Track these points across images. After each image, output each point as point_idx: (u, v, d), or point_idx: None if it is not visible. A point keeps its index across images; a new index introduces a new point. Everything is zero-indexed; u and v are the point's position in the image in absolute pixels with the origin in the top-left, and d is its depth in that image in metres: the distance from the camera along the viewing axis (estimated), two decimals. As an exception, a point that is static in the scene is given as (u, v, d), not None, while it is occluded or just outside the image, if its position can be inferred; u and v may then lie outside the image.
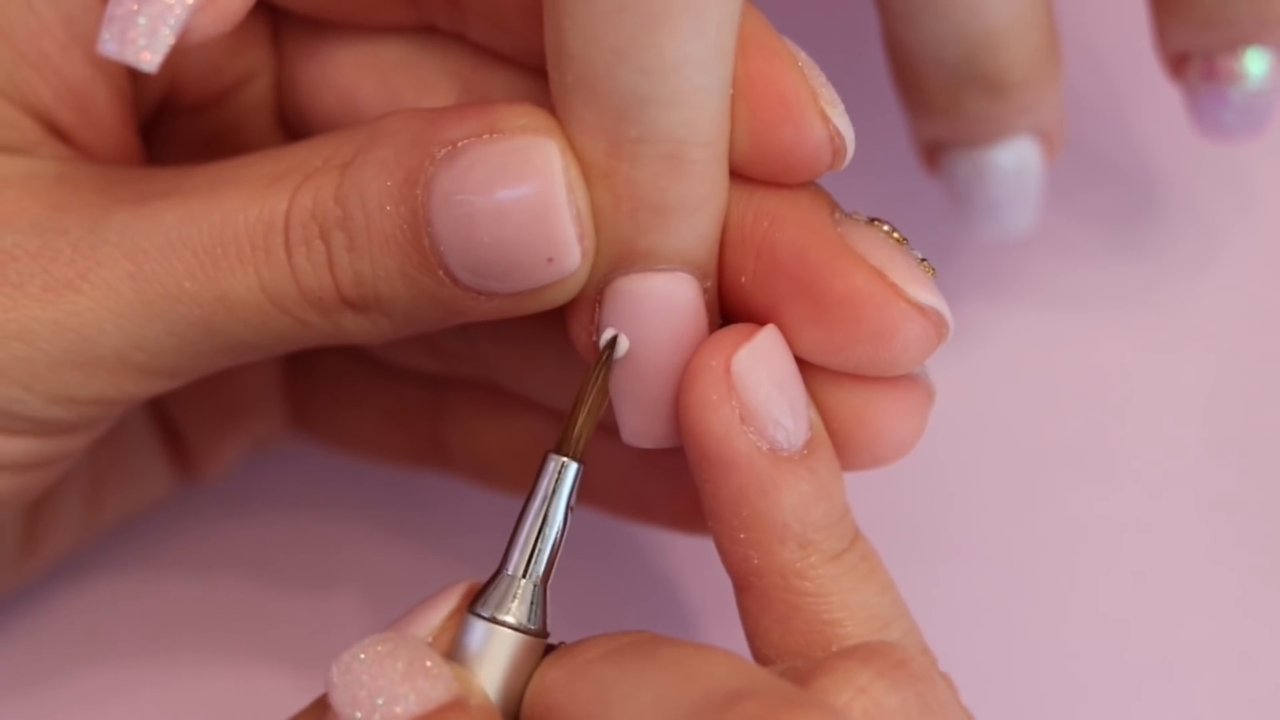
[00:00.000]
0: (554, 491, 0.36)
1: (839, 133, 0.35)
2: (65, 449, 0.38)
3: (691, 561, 0.46)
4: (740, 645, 0.40)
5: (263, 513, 0.48)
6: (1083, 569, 0.46)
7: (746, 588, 0.36)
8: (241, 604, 0.47)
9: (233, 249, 0.36)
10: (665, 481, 0.41)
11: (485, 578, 0.44)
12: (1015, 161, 0.44)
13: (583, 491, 0.43)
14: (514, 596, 0.35)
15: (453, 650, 0.35)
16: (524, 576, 0.35)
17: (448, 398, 0.44)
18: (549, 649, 0.36)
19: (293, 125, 0.41)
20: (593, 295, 0.36)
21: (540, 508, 0.36)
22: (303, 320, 0.36)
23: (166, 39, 0.34)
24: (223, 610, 0.47)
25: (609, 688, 0.33)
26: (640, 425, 0.37)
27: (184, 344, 0.36)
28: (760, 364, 0.35)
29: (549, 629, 0.35)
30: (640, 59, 0.34)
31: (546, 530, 0.35)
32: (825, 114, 0.35)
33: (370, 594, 0.47)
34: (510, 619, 0.35)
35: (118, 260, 0.36)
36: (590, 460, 0.41)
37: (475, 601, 0.35)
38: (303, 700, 0.46)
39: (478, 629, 0.35)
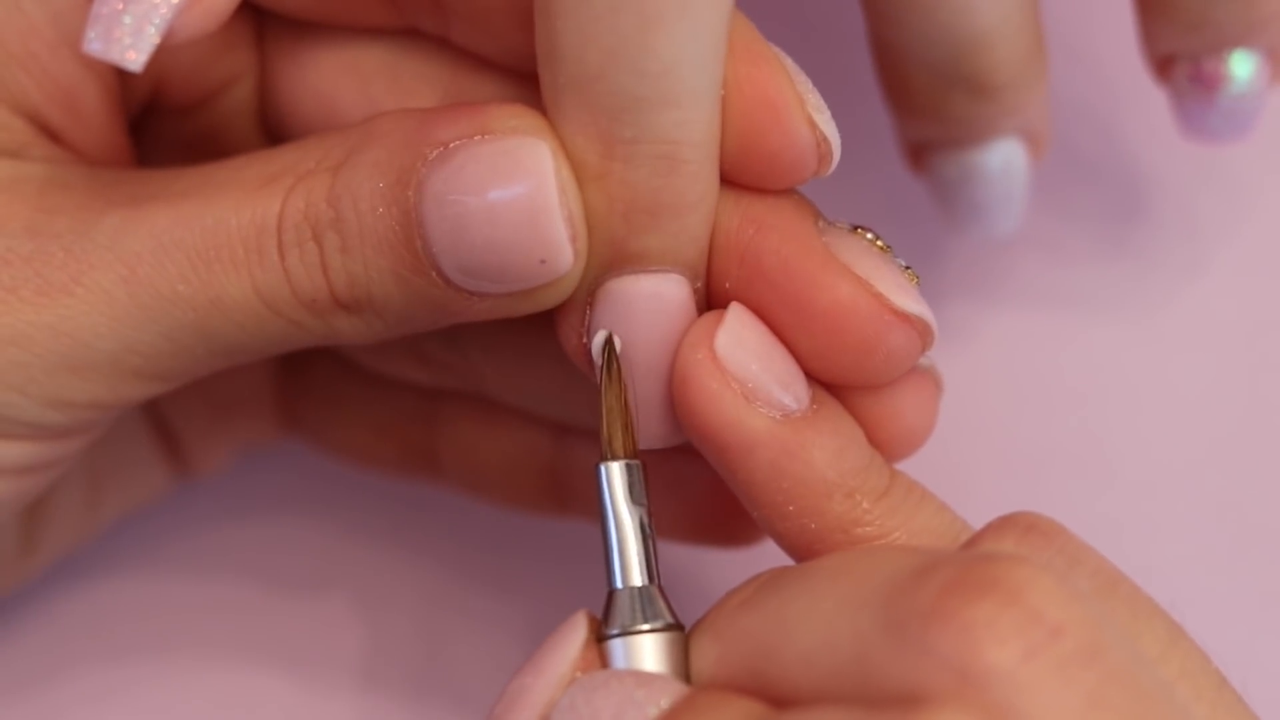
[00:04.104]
0: (611, 496, 0.36)
1: (825, 138, 0.35)
2: (61, 452, 0.38)
3: (690, 564, 0.46)
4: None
5: (262, 513, 0.48)
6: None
7: (815, 557, 0.35)
8: (241, 604, 0.47)
9: (225, 252, 0.36)
10: (665, 492, 0.41)
11: (487, 576, 0.44)
12: (1001, 163, 0.44)
13: (581, 501, 0.43)
14: (635, 605, 0.35)
15: None
16: (635, 583, 0.35)
17: (440, 408, 0.44)
18: None
19: (274, 130, 0.41)
20: (583, 298, 0.36)
21: (609, 516, 0.36)
22: (296, 322, 0.37)
23: (152, 38, 0.34)
24: (222, 610, 0.47)
25: (778, 615, 0.33)
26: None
27: (178, 347, 0.37)
28: (742, 338, 0.35)
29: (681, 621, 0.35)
30: (635, 60, 0.34)
31: (624, 535, 0.35)
32: (812, 119, 0.35)
33: (369, 594, 0.47)
34: (645, 626, 0.35)
35: (110, 264, 0.36)
36: (587, 471, 0.41)
37: (604, 625, 0.35)
38: (302, 700, 0.46)
39: (619, 648, 0.35)
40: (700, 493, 0.41)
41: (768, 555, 0.37)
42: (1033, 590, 0.30)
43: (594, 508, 0.39)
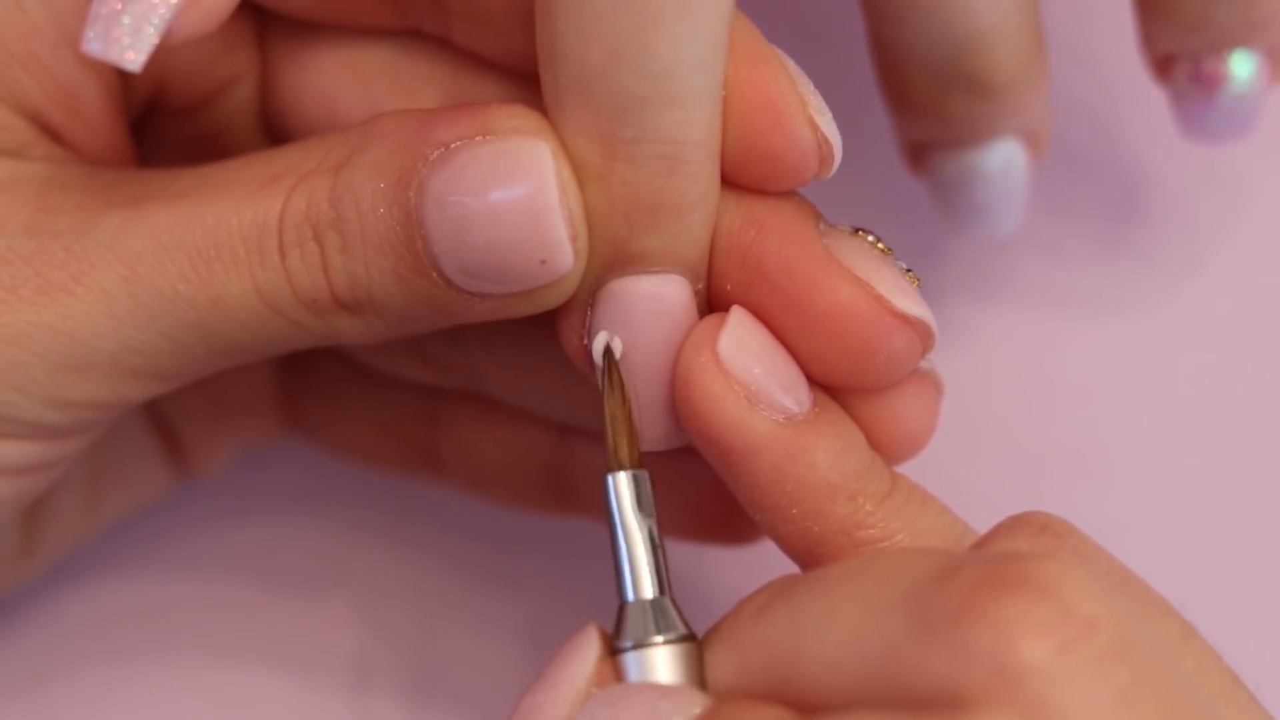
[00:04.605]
0: (619, 508, 0.35)
1: (827, 140, 0.35)
2: (62, 452, 0.38)
3: (692, 565, 0.46)
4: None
5: (262, 513, 0.48)
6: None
7: (818, 560, 0.35)
8: (241, 604, 0.47)
9: (226, 251, 0.36)
10: (666, 491, 0.41)
11: (488, 575, 0.44)
12: (1001, 163, 0.44)
13: (583, 500, 0.43)
14: (648, 617, 0.35)
15: None
16: (646, 595, 0.35)
17: (442, 408, 0.44)
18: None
19: (275, 131, 0.41)
20: (584, 299, 0.36)
21: (618, 528, 0.35)
22: (297, 322, 0.37)
23: (151, 38, 0.34)
24: (222, 610, 0.47)
25: (798, 622, 0.33)
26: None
27: (179, 347, 0.37)
28: (744, 341, 0.35)
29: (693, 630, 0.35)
30: (637, 60, 0.34)
31: (633, 546, 0.35)
32: (813, 121, 0.35)
33: (369, 594, 0.47)
34: (659, 638, 0.34)
35: (111, 263, 0.36)
36: (590, 470, 0.41)
37: (616, 638, 0.35)
38: (302, 700, 0.46)
39: (633, 662, 0.34)
40: (701, 492, 0.41)
41: (770, 554, 0.37)
42: (1064, 585, 0.30)
43: (596, 506, 0.39)
